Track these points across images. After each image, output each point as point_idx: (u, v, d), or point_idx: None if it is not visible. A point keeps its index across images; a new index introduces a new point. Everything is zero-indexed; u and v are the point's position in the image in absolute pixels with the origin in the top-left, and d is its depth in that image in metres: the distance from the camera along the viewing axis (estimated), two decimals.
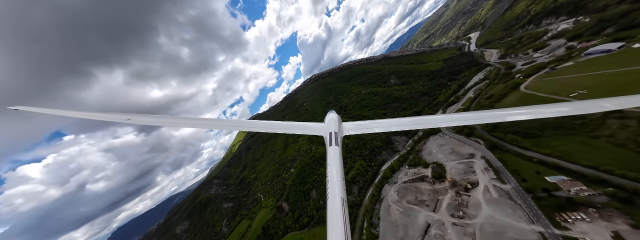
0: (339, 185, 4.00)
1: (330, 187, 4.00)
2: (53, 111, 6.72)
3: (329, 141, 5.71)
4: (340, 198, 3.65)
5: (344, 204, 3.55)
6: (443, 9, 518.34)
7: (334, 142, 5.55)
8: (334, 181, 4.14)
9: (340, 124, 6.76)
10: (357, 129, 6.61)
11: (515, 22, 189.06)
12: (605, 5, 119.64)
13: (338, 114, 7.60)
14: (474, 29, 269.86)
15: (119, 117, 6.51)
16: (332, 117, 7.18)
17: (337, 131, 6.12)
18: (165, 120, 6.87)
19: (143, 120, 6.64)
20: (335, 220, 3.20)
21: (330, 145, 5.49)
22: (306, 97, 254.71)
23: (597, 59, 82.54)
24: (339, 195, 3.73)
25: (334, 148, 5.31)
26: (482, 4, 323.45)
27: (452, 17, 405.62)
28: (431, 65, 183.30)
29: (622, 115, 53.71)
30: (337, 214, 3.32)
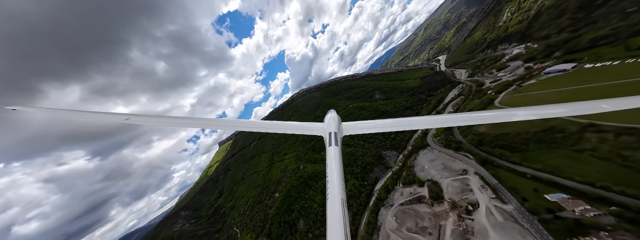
0: (338, 186, 3.86)
1: (330, 188, 3.84)
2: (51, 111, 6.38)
3: (328, 141, 5.50)
4: (340, 198, 3.53)
5: (344, 205, 3.44)
6: (413, 37, 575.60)
7: (333, 142, 5.34)
8: (334, 182, 3.97)
9: (340, 123, 6.53)
10: (357, 129, 6.38)
11: (475, 47, 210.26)
12: (547, 35, 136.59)
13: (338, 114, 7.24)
14: (441, 52, 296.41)
15: (117, 117, 6.19)
16: (331, 117, 6.89)
17: (336, 131, 5.87)
18: (165, 120, 6.47)
19: (142, 120, 6.39)
20: (335, 221, 3.10)
21: (330, 145, 5.28)
22: (294, 111, 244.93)
23: (556, 77, 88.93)
24: (338, 195, 3.61)
25: (333, 148, 5.11)
26: (444, 32, 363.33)
27: (421, 43, 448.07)
28: (410, 82, 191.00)
29: (598, 129, 54.11)
30: (337, 214, 3.21)
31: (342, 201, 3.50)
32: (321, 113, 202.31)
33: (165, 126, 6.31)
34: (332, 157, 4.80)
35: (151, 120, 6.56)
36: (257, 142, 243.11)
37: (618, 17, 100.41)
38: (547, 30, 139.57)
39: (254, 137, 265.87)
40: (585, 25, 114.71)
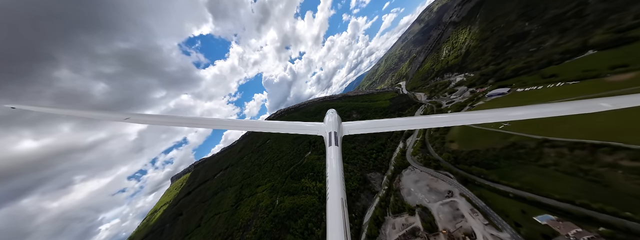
0: (338, 186, 3.74)
1: (330, 188, 3.71)
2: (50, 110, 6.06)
3: (328, 141, 5.28)
4: (340, 198, 3.42)
5: (344, 204, 3.32)
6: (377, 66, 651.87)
7: (333, 142, 5.14)
8: (334, 181, 3.84)
9: (340, 123, 6.31)
10: (357, 128, 6.14)
11: (427, 75, 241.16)
12: (478, 66, 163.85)
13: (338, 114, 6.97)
14: (401, 79, 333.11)
15: (116, 117, 5.95)
16: (331, 117, 6.67)
17: (336, 131, 5.64)
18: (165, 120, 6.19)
19: (142, 119, 6.12)
20: (335, 221, 2.98)
21: (330, 145, 5.08)
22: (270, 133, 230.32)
23: (497, 99, 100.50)
24: (338, 195, 3.50)
25: (333, 148, 4.93)
26: (401, 64, 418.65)
27: (384, 71, 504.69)
28: (381, 103, 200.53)
29: (552, 144, 56.98)
30: (337, 214, 3.09)
31: (342, 201, 3.33)
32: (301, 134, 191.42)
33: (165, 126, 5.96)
34: (332, 157, 4.58)
35: (151, 119, 6.24)
36: (224, 172, 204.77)
37: (525, 54, 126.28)
38: (477, 63, 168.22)
39: (220, 167, 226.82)
40: (504, 60, 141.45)
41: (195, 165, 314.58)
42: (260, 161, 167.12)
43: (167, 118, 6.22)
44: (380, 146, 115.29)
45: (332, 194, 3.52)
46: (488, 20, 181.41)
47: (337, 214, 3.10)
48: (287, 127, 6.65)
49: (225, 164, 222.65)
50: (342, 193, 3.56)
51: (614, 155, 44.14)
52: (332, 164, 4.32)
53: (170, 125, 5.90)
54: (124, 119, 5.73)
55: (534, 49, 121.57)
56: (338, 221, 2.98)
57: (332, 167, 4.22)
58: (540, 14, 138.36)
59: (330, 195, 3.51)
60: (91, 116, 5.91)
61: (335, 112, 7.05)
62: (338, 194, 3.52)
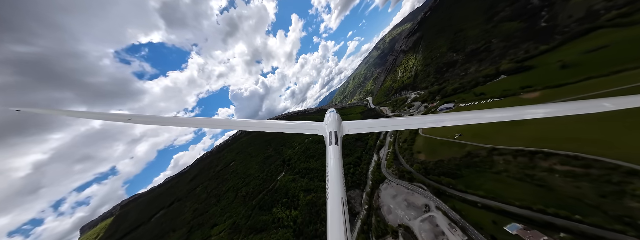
0: (339, 185, 3.61)
1: (330, 187, 3.59)
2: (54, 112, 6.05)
3: (329, 141, 5.13)
4: (340, 198, 3.30)
5: (345, 204, 3.21)
6: (346, 84, 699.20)
7: (334, 142, 5.00)
8: (334, 181, 3.72)
9: (340, 123, 6.04)
10: (358, 128, 5.92)
11: (389, 92, 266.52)
12: (426, 86, 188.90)
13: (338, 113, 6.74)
14: (368, 95, 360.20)
15: (119, 117, 5.91)
16: (332, 117, 6.39)
17: (337, 130, 5.47)
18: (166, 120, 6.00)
19: (144, 120, 5.96)
20: (336, 220, 2.89)
21: (331, 144, 4.94)
22: (236, 153, 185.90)
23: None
24: (339, 195, 3.37)
25: (334, 148, 4.81)
26: (366, 82, 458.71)
27: (353, 88, 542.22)
28: (354, 117, 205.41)
29: (500, 152, 62.35)
30: (338, 214, 2.99)
31: (342, 200, 3.22)
32: (273, 152, 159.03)
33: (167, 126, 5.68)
34: (332, 156, 4.47)
35: (153, 120, 6.04)
36: (166, 211, 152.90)
37: (458, 77, 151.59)
38: (425, 84, 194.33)
39: (162, 204, 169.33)
40: (444, 81, 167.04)
41: (123, 205, 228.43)
42: (220, 191, 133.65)
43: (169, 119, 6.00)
44: (357, 160, 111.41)
45: (333, 194, 3.37)
46: (428, 51, 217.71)
47: (337, 213, 2.97)
48: (288, 126, 6.41)
49: (169, 199, 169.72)
50: (342, 193, 3.40)
51: (548, 160, 49.30)
52: (333, 164, 4.19)
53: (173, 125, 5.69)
54: (127, 120, 5.63)
55: (464, 74, 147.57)
56: (339, 221, 2.84)
57: (333, 167, 4.10)
58: (463, 48, 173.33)
59: (330, 195, 3.37)
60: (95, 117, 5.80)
61: (336, 112, 6.74)
62: (338, 194, 3.37)
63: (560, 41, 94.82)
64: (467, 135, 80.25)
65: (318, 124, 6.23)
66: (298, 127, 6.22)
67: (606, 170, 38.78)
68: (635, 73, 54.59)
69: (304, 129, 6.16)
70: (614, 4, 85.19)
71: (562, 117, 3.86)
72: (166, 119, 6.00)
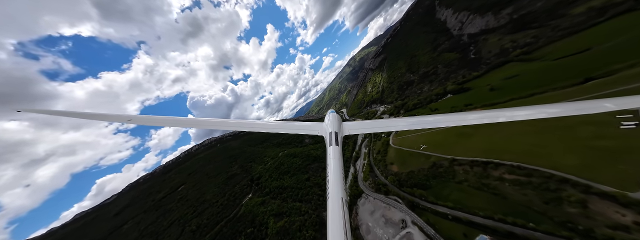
0: (339, 185, 3.59)
1: (330, 187, 3.55)
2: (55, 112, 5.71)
3: (329, 141, 5.03)
4: (340, 198, 3.25)
5: (344, 204, 3.17)
6: (322, 95, 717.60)
7: (334, 142, 4.93)
8: (334, 181, 3.68)
9: (340, 123, 5.96)
10: (358, 128, 6.00)
11: (361, 105, 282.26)
12: (392, 101, 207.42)
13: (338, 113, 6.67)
14: (343, 106, 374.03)
15: (120, 118, 5.82)
16: (332, 117, 6.26)
17: (337, 131, 5.38)
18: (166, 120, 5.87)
19: (145, 120, 5.81)
20: (336, 220, 2.84)
21: (331, 145, 4.87)
22: (188, 174, 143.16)
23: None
24: (339, 195, 3.33)
25: (334, 148, 4.76)
26: (340, 95, 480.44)
27: (329, 100, 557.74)
28: None
29: (459, 163, 67.27)
30: (338, 214, 2.95)
31: (342, 200, 3.19)
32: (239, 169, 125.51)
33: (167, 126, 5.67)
34: (332, 156, 4.42)
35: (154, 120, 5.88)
36: None
37: (416, 94, 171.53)
38: (390, 98, 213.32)
39: None
40: (405, 97, 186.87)
41: None
42: (159, 226, 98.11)
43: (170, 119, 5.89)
44: None
45: (333, 194, 3.32)
46: (391, 70, 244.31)
47: (338, 213, 2.92)
48: (289, 127, 6.43)
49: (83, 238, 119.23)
50: (342, 193, 3.36)
51: (498, 170, 54.51)
52: (333, 164, 4.12)
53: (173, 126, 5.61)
54: (127, 120, 5.58)
55: (419, 92, 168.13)
56: (339, 221, 2.79)
57: (333, 167, 4.04)
58: (417, 70, 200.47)
59: (330, 195, 3.32)
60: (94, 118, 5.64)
61: (335, 112, 6.63)
62: (338, 194, 3.32)
63: (485, 69, 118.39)
64: (431, 146, 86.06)
65: (318, 124, 6.17)
66: (299, 128, 6.19)
67: (543, 178, 44.11)
68: (543, 96, 69.27)
69: (303, 129, 6.12)
70: (517, 44, 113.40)
71: (504, 131, 20.89)
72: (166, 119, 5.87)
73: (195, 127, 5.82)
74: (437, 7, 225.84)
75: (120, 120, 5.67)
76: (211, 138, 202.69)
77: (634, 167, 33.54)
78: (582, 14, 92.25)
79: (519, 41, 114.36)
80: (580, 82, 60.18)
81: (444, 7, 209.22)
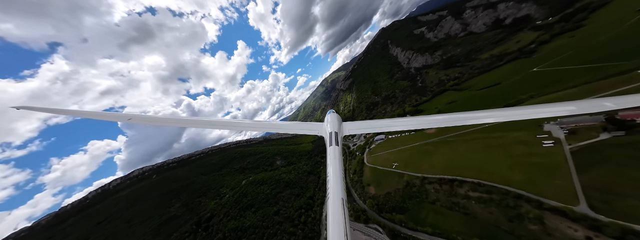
0: (339, 185, 3.48)
1: (330, 187, 3.46)
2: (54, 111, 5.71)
3: (329, 141, 4.93)
4: (340, 198, 3.18)
5: (345, 204, 3.12)
6: (297, 113, 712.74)
7: (334, 142, 4.81)
8: (334, 181, 3.58)
9: (340, 123, 5.80)
10: (358, 128, 5.77)
11: None
12: (362, 119, 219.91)
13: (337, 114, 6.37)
14: None
15: (120, 117, 5.68)
16: (332, 117, 6.07)
17: (337, 131, 5.27)
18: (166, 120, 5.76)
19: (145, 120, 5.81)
20: (336, 220, 2.80)
21: (330, 145, 4.76)
22: (96, 223, 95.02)
23: (381, 143, 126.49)
24: (339, 195, 3.25)
25: (334, 148, 4.62)
26: (315, 112, 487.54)
27: (303, 117, 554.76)
28: (305, 146, 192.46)
29: (429, 181, 68.05)
30: (338, 213, 2.89)
31: (342, 201, 3.13)
32: (181, 209, 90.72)
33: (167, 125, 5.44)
34: (332, 156, 4.30)
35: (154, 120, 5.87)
36: None
37: (381, 113, 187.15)
38: (361, 117, 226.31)
39: None
40: (373, 117, 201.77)
41: None
42: None
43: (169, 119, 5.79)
44: (309, 201, 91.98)
45: (333, 194, 3.25)
46: (359, 92, 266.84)
47: (338, 213, 2.87)
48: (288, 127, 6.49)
49: None
50: (342, 193, 3.28)
51: (463, 187, 56.24)
52: (333, 164, 4.00)
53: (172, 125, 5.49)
54: (127, 120, 5.46)
55: (384, 112, 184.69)
56: (339, 221, 2.74)
57: (333, 167, 3.91)
58: (380, 93, 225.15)
59: (330, 195, 3.26)
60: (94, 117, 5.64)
61: (335, 112, 6.47)
62: (339, 194, 3.24)
63: (431, 96, 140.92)
64: (401, 163, 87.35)
65: (318, 124, 6.02)
66: (299, 128, 6.16)
67: (501, 194, 46.54)
68: None
69: (303, 129, 6.10)
70: (450, 77, 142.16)
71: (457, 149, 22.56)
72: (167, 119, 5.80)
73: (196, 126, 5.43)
74: (389, 45, 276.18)
75: (120, 119, 5.45)
76: (144, 167, 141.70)
77: (565, 181, 38.37)
78: (487, 59, 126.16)
79: (450, 75, 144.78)
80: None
81: (395, 46, 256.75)
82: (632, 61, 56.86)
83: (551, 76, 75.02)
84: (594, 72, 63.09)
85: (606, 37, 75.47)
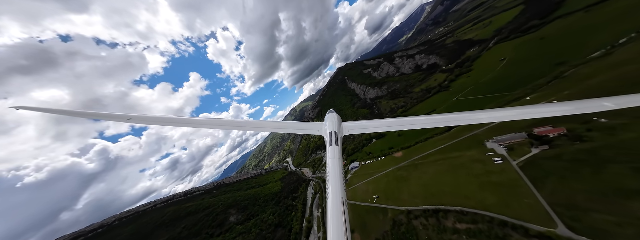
0: (339, 185, 3.41)
1: (330, 187, 3.40)
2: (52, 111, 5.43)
3: (329, 141, 4.88)
4: (340, 198, 3.12)
5: (345, 204, 3.05)
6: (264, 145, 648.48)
7: (334, 142, 4.77)
8: (334, 181, 3.52)
9: (340, 123, 5.67)
10: (358, 128, 5.55)
11: (306, 152, 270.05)
12: None
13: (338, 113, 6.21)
14: (288, 155, 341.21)
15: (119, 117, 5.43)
16: (332, 117, 5.90)
17: (337, 131, 5.18)
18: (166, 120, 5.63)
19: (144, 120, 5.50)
20: (337, 221, 2.75)
21: (330, 145, 4.72)
22: None
23: (356, 171, 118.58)
24: (339, 195, 3.19)
25: (333, 148, 4.58)
26: (285, 143, 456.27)
27: (271, 149, 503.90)
28: (273, 187, 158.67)
29: (414, 215, 59.96)
30: (338, 214, 2.85)
31: (342, 200, 3.09)
32: None
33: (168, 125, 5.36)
34: (332, 156, 4.27)
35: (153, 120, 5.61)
36: None
37: (351, 140, 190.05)
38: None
39: None
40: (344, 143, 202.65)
41: None
42: None
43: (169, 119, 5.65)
44: None
45: (333, 194, 3.21)
46: None
47: (338, 213, 2.84)
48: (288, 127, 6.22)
49: None
50: (342, 193, 3.24)
51: (449, 219, 50.69)
52: (333, 164, 3.97)
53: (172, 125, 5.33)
54: (127, 120, 5.28)
55: (352, 138, 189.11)
56: (339, 221, 2.72)
57: (333, 167, 3.88)
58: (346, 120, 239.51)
59: (331, 195, 3.21)
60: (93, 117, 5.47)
61: (335, 112, 6.39)
62: (339, 194, 3.20)
63: None
64: (380, 195, 78.90)
65: (318, 124, 5.84)
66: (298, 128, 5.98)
67: (487, 223, 42.81)
68: (428, 142, 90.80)
69: (303, 129, 5.89)
70: (397, 106, 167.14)
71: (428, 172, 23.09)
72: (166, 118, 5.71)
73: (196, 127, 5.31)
74: (347, 80, 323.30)
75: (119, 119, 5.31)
76: None
77: (532, 199, 38.71)
78: (420, 92, 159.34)
79: (398, 104, 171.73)
80: (446, 130, 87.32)
81: (351, 81, 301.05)
82: (515, 92, 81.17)
83: (469, 103, 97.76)
84: (497, 99, 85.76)
85: (490, 77, 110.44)
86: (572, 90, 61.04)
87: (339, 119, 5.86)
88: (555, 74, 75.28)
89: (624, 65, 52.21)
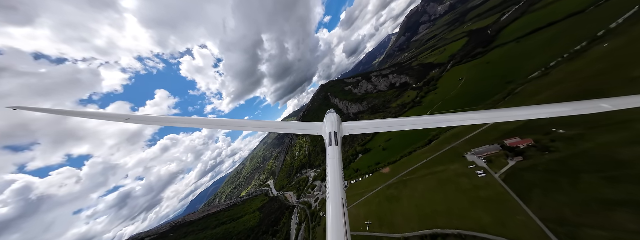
0: (339, 186, 3.44)
1: (330, 188, 3.43)
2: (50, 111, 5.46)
3: (328, 141, 4.90)
4: (340, 198, 3.14)
5: (344, 204, 3.07)
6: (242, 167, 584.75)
7: (333, 142, 4.78)
8: (334, 182, 3.55)
9: (340, 124, 5.76)
10: (358, 129, 5.62)
11: (290, 172, 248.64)
12: (319, 164, 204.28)
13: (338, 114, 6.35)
14: (269, 177, 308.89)
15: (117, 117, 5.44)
16: (331, 117, 6.04)
17: (337, 131, 5.23)
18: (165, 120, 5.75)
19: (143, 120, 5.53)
20: (336, 221, 2.76)
21: (330, 145, 4.74)
22: None
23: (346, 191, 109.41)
24: (339, 195, 3.21)
25: (333, 148, 4.60)
26: (266, 162, 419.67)
27: (250, 171, 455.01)
28: (249, 220, 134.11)
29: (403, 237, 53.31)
30: (338, 214, 2.86)
31: (342, 200, 3.11)
32: None
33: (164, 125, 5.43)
34: (332, 157, 4.30)
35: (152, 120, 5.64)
36: None
37: None
38: (318, 161, 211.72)
39: None
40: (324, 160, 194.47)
41: None
42: None
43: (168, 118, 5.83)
44: None
45: (333, 194, 3.22)
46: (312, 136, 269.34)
47: (338, 214, 2.85)
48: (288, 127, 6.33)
49: None
50: (342, 193, 3.26)
51: None
52: (333, 164, 4.01)
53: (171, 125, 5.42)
54: (125, 120, 5.26)
55: None
56: (339, 221, 2.72)
57: (332, 167, 3.91)
58: None
59: (330, 196, 3.22)
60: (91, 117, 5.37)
61: (335, 112, 6.49)
62: (338, 194, 3.21)
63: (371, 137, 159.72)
64: (373, 220, 71.02)
65: (318, 124, 5.95)
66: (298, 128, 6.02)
67: None
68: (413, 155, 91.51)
69: (303, 129, 5.96)
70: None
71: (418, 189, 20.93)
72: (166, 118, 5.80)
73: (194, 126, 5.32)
74: (330, 96, 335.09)
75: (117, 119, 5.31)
76: None
77: (524, 216, 37.28)
78: (397, 107, 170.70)
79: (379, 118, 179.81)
80: (427, 143, 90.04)
81: (334, 97, 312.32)
82: (478, 106, 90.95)
83: None
84: None
85: (454, 94, 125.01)
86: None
87: (339, 119, 5.92)
88: (508, 90, 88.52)
89: (561, 83, 63.63)
